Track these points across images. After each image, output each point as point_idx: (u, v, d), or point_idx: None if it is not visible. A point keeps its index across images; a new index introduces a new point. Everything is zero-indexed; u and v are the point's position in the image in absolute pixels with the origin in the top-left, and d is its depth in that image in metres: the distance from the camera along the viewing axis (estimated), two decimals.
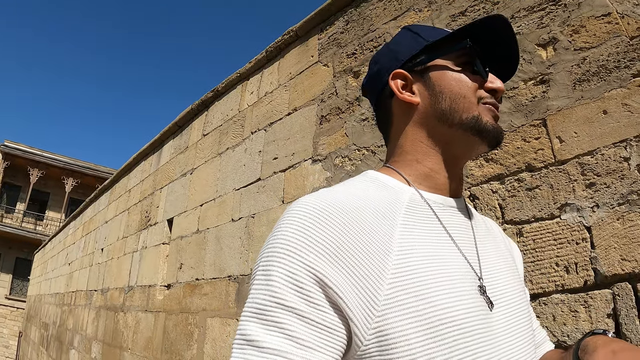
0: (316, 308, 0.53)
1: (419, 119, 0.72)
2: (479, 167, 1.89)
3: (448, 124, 0.69)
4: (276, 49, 3.53)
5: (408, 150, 0.73)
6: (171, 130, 5.20)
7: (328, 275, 0.53)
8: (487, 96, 0.70)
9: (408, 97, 0.72)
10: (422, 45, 0.72)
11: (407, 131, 0.73)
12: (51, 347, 9.98)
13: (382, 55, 0.78)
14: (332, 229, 0.56)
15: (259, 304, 0.54)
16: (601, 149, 1.53)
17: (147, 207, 5.39)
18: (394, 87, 0.73)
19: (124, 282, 5.54)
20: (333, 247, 0.54)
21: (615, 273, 1.41)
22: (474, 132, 0.68)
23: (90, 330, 6.65)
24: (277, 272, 0.54)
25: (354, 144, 2.58)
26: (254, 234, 3.18)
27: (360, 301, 0.53)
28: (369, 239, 0.57)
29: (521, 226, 1.68)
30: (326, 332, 0.52)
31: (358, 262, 0.55)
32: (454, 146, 0.71)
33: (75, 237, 9.74)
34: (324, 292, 0.53)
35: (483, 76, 0.70)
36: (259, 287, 0.55)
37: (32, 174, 21.99)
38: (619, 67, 1.54)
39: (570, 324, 1.48)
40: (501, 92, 0.71)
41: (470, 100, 0.69)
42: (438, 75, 0.71)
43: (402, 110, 0.74)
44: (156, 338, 4.24)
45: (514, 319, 0.66)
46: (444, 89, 0.70)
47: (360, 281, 0.54)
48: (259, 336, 0.51)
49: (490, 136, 0.69)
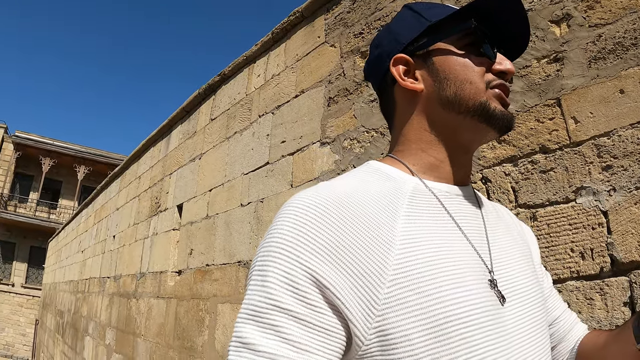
0: (313, 310, 0.51)
1: (423, 107, 0.68)
2: (491, 149, 1.84)
3: (454, 112, 0.66)
4: (282, 30, 3.47)
5: (412, 139, 0.69)
6: (179, 116, 5.17)
7: (325, 275, 0.52)
8: (495, 79, 0.66)
9: (410, 84, 0.68)
10: (424, 26, 0.67)
11: (411, 119, 0.70)
12: (67, 334, 10.17)
13: (382, 38, 0.73)
14: (329, 226, 0.54)
15: (254, 305, 0.52)
16: (618, 130, 1.46)
17: (157, 194, 5.40)
18: (395, 74, 0.69)
19: (136, 268, 5.58)
20: (330, 245, 0.53)
21: (632, 260, 1.36)
22: (482, 119, 0.65)
23: (104, 317, 6.75)
24: (273, 272, 0.52)
25: (362, 126, 2.53)
26: (263, 219, 3.16)
27: (359, 301, 0.52)
28: (369, 234, 0.54)
29: (535, 210, 1.63)
30: (324, 334, 0.51)
31: (357, 260, 0.53)
32: (461, 134, 0.67)
33: (87, 225, 9.84)
34: (321, 293, 0.52)
35: (490, 58, 0.66)
36: (255, 288, 0.53)
37: (44, 163, 22.22)
38: (636, 44, 1.47)
39: (585, 312, 1.43)
40: (511, 73, 0.67)
41: (478, 86, 0.64)
42: (442, 59, 0.67)
43: (406, 98, 0.70)
44: (168, 324, 4.27)
45: (527, 313, 0.63)
46: (448, 75, 0.66)
47: (359, 280, 0.52)
48: (255, 339, 0.50)
49: (500, 123, 0.65)
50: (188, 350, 3.75)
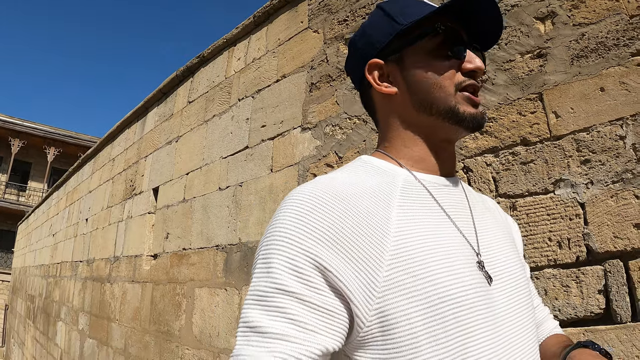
0: (317, 292, 0.53)
1: (398, 109, 0.72)
2: (473, 140, 1.87)
3: (426, 114, 0.69)
4: (264, 14, 3.43)
5: (394, 136, 0.73)
6: (155, 97, 5.08)
7: (327, 259, 0.54)
8: (465, 80, 0.68)
9: (385, 88, 0.72)
10: (396, 30, 0.69)
11: (390, 120, 0.73)
12: (38, 320, 9.98)
13: (358, 39, 0.76)
14: (329, 216, 0.56)
15: (260, 291, 0.54)
16: (597, 126, 1.51)
17: (132, 176, 5.31)
18: (370, 80, 0.72)
19: (110, 252, 5.50)
20: (331, 233, 0.55)
21: (607, 250, 1.42)
22: (452, 121, 0.68)
23: (77, 302, 6.65)
24: (277, 259, 0.54)
25: (345, 113, 2.54)
26: (242, 203, 3.15)
27: (360, 284, 0.54)
28: (367, 223, 0.57)
29: (515, 200, 1.68)
30: (328, 314, 0.53)
31: (356, 246, 0.55)
32: (436, 133, 0.70)
33: (59, 208, 9.63)
34: (324, 276, 0.54)
35: (459, 58, 0.68)
36: (260, 275, 0.55)
37: (13, 144, 21.53)
38: (617, 45, 1.52)
39: (561, 299, 1.49)
40: (481, 71, 0.69)
41: (446, 91, 0.67)
42: (412, 63, 0.69)
43: (383, 100, 0.74)
44: (144, 309, 4.24)
45: (513, 292, 0.67)
46: (418, 79, 0.69)
47: (359, 264, 0.55)
48: (262, 322, 0.52)
49: (469, 124, 0.68)
50: (165, 334, 3.74)
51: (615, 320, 1.38)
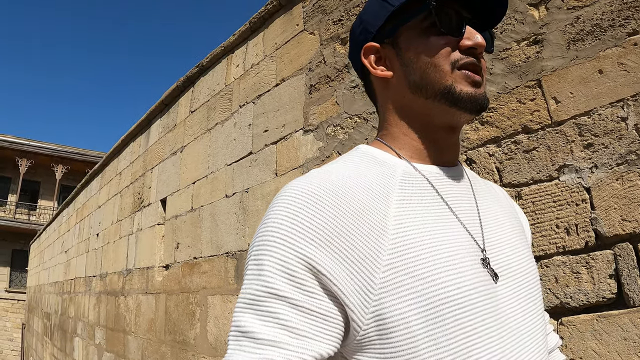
0: (310, 296, 0.51)
1: (395, 93, 0.68)
2: (475, 131, 1.86)
3: (423, 97, 0.64)
4: (260, 19, 3.43)
5: (393, 123, 0.69)
6: (158, 109, 5.11)
7: (320, 262, 0.52)
8: (462, 58, 0.62)
9: (381, 72, 0.68)
10: (389, 11, 0.65)
11: (388, 105, 0.70)
12: (55, 337, 10.04)
13: (355, 28, 0.74)
14: (323, 213, 0.54)
15: (252, 294, 0.52)
16: (598, 109, 1.50)
17: (139, 189, 5.34)
18: (367, 64, 0.70)
19: (122, 265, 5.53)
20: (325, 233, 0.53)
21: (616, 234, 1.40)
22: (450, 103, 0.62)
23: (92, 317, 6.69)
24: (269, 261, 0.52)
25: (345, 112, 2.54)
26: (249, 209, 3.16)
27: (355, 286, 0.52)
28: (363, 220, 0.55)
29: (520, 189, 1.67)
30: (321, 319, 0.51)
31: (352, 246, 0.53)
32: (434, 118, 0.66)
33: (69, 224, 9.69)
34: (317, 279, 0.52)
35: (454, 35, 0.63)
36: (252, 277, 0.53)
37: (20, 164, 21.68)
38: (613, 25, 1.50)
39: (572, 286, 1.48)
40: (481, 47, 0.63)
41: (442, 69, 0.62)
42: (407, 44, 0.65)
43: (381, 85, 0.71)
44: (158, 319, 4.26)
45: (521, 289, 0.63)
46: (413, 59, 0.64)
47: (354, 266, 0.52)
48: (254, 327, 0.50)
49: (468, 105, 0.62)
50: (180, 344, 3.75)
51: (628, 304, 1.36)
